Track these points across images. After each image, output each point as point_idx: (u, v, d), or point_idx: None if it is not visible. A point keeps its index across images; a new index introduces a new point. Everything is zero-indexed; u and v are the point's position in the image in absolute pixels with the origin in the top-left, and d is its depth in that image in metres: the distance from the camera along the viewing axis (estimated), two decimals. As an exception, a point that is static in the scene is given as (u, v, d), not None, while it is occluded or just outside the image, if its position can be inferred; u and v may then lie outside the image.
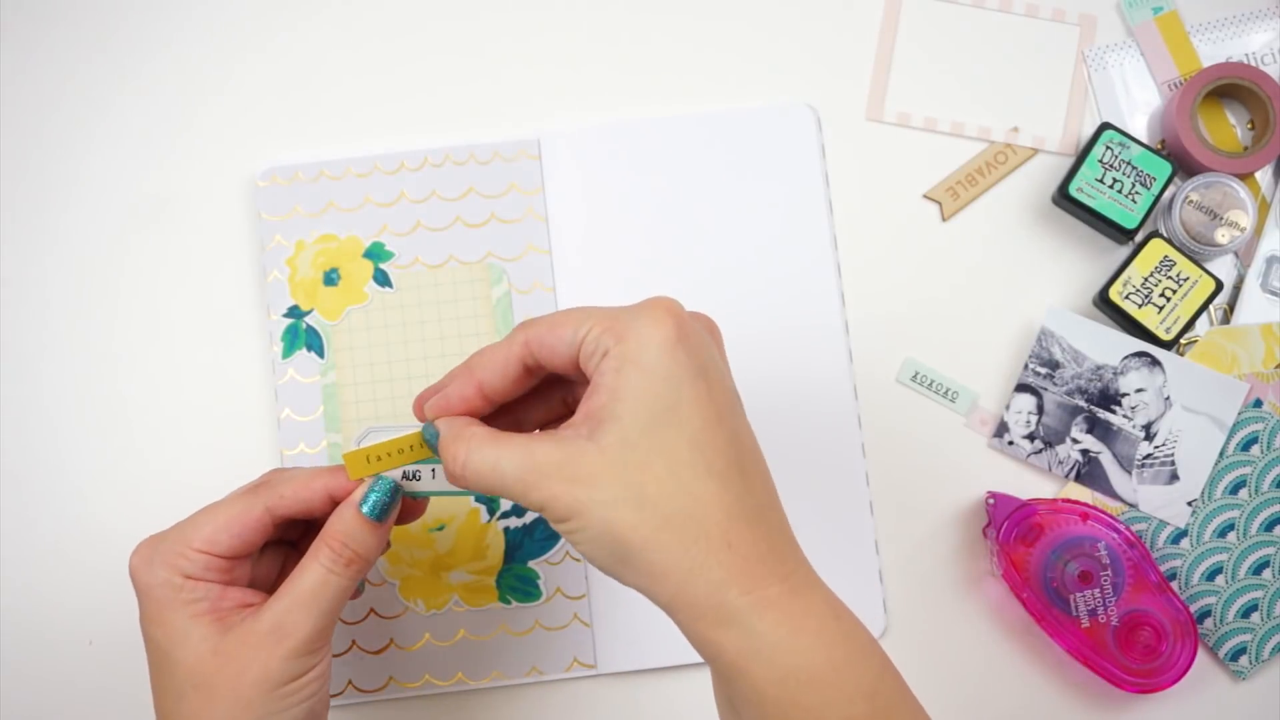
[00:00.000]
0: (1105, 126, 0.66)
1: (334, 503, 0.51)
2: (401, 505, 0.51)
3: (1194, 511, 0.65)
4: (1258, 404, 0.65)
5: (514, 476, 0.45)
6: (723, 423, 0.46)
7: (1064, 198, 0.66)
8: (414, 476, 0.51)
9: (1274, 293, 0.67)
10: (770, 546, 0.45)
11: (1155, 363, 0.65)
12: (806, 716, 0.44)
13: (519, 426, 0.52)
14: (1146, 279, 0.65)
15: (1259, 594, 0.64)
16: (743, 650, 0.44)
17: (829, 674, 0.44)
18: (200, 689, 0.48)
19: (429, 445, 0.49)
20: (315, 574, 0.49)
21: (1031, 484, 0.66)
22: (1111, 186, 0.66)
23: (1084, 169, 0.66)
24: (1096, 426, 0.65)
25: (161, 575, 0.49)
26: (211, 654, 0.48)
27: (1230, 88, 0.68)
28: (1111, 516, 0.63)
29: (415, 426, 0.50)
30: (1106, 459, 0.65)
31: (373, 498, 0.50)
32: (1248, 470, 0.65)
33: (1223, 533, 0.65)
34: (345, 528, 0.50)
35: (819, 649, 0.44)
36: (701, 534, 0.44)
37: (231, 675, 0.48)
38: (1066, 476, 0.66)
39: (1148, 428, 0.65)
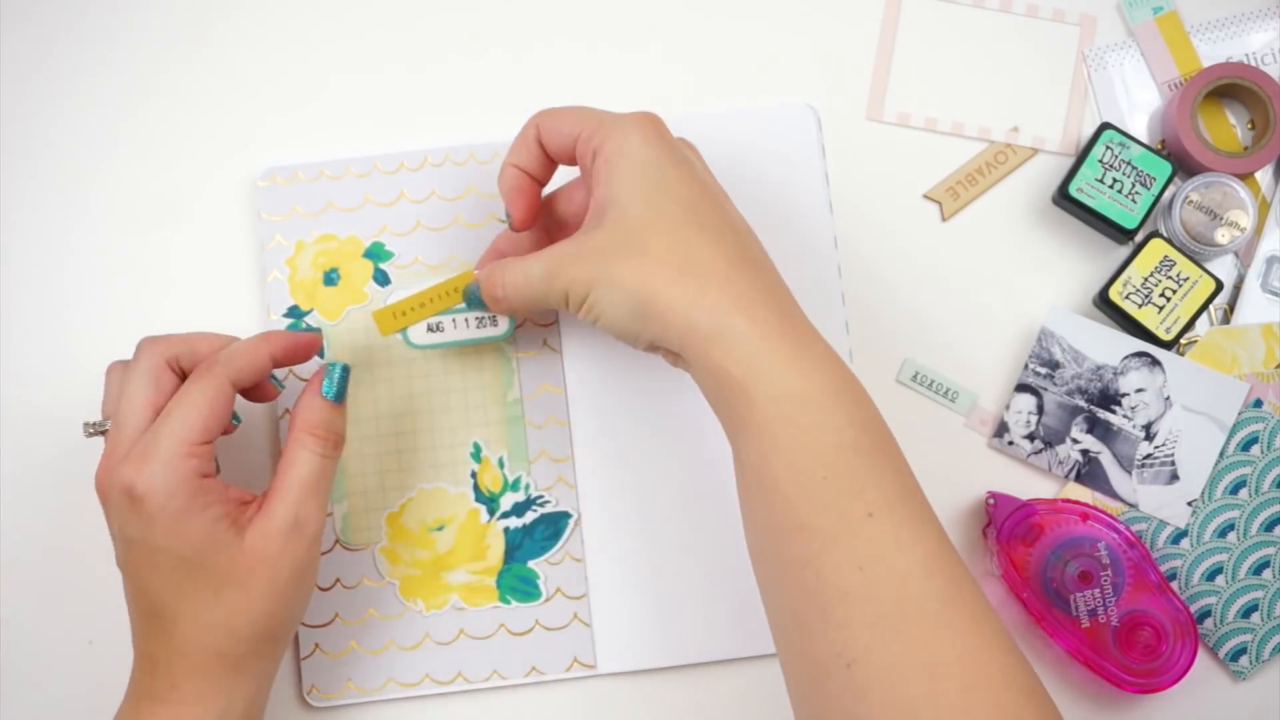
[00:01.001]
0: (1105, 126, 0.66)
1: (275, 362, 0.56)
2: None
3: (1194, 511, 0.65)
4: (1258, 404, 0.65)
5: (539, 275, 0.53)
6: (710, 195, 0.53)
7: (1064, 198, 0.66)
8: (437, 328, 0.60)
9: (1274, 293, 0.67)
10: (770, 293, 0.51)
11: (1155, 363, 0.65)
12: (801, 435, 0.48)
13: None
14: (1146, 279, 0.65)
15: (1259, 594, 0.64)
16: (747, 371, 0.48)
17: (824, 399, 0.48)
18: (236, 586, 0.52)
19: (470, 300, 0.58)
20: (311, 462, 0.54)
21: (1031, 484, 0.66)
22: (1111, 186, 0.66)
23: (1084, 169, 0.66)
24: (1096, 426, 0.65)
25: (174, 483, 0.51)
26: (242, 554, 0.52)
27: (1230, 88, 0.68)
28: (1111, 516, 0.63)
29: (437, 280, 0.59)
30: (1106, 459, 0.65)
31: (334, 381, 0.56)
32: (1248, 470, 0.65)
33: (1223, 533, 0.65)
34: (320, 416, 0.55)
35: (816, 376, 0.49)
36: (704, 274, 0.50)
37: (267, 571, 0.52)
38: (1066, 476, 0.66)
39: (1148, 428, 0.65)
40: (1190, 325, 0.65)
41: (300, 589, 0.54)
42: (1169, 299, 0.65)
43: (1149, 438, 0.65)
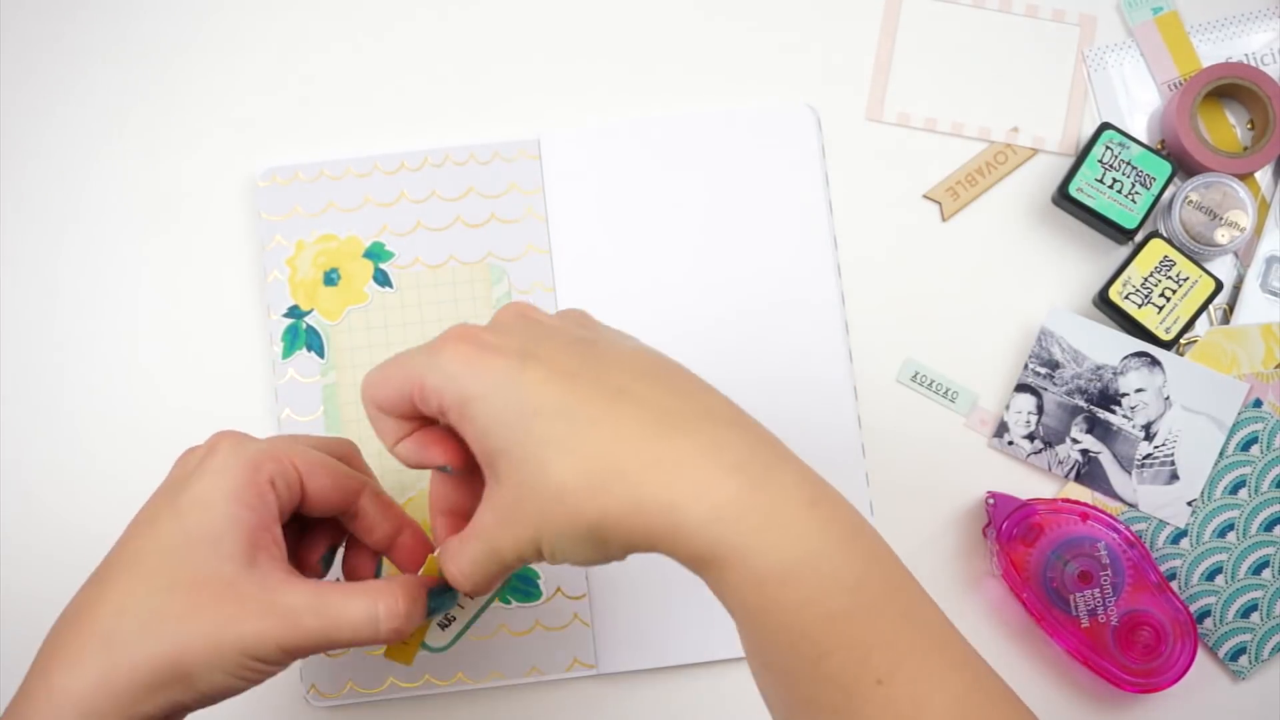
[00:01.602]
0: (1105, 126, 0.66)
1: (392, 540, 0.52)
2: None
3: (1194, 511, 0.65)
4: (1258, 404, 0.65)
5: (485, 557, 0.45)
6: (582, 371, 0.44)
7: (1064, 198, 0.67)
8: (449, 620, 0.53)
9: (1274, 293, 0.67)
10: (708, 441, 0.43)
11: (1155, 363, 0.65)
12: (786, 617, 0.41)
13: None
14: (1146, 279, 0.65)
15: (1259, 594, 0.64)
16: (716, 562, 0.42)
17: (804, 569, 0.41)
18: (191, 599, 0.45)
19: (444, 601, 0.50)
20: (363, 613, 0.47)
21: (1031, 484, 0.66)
22: (1111, 186, 0.66)
23: (1084, 169, 0.66)
24: (1096, 426, 0.65)
25: (249, 466, 0.47)
26: (226, 582, 0.45)
27: (1230, 88, 0.68)
28: (1111, 516, 0.63)
29: None
30: (1106, 459, 0.65)
31: (443, 598, 0.50)
32: (1248, 470, 0.65)
33: (1222, 533, 0.65)
34: (414, 603, 0.48)
35: (790, 544, 0.41)
36: (622, 472, 0.42)
37: (226, 612, 0.45)
38: (1066, 476, 0.66)
39: (1148, 428, 0.65)
40: (1190, 325, 0.65)
41: (226, 664, 0.45)
42: (1169, 299, 0.65)
43: (1149, 438, 0.65)
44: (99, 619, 0.46)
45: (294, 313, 0.67)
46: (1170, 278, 0.65)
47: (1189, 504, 0.65)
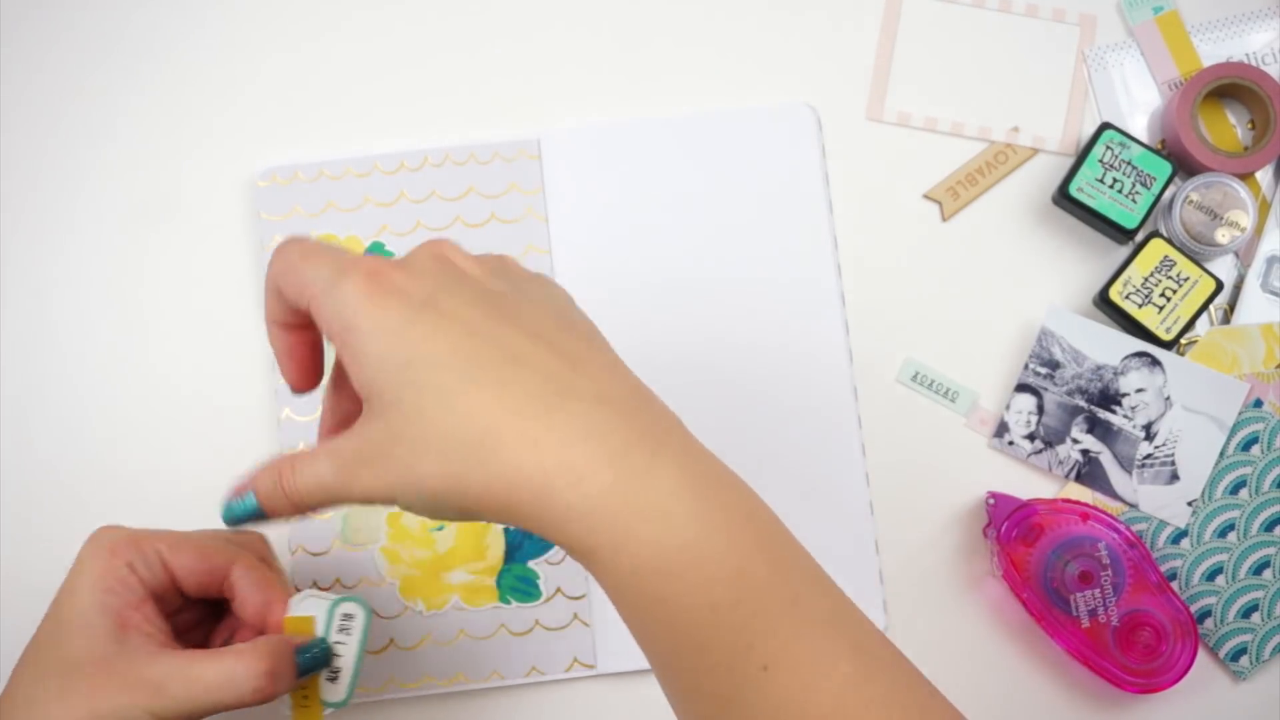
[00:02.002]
0: (1105, 126, 0.66)
1: (260, 619, 0.52)
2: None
3: (1194, 511, 0.65)
4: (1258, 404, 0.65)
5: (331, 480, 0.44)
6: (482, 327, 0.42)
7: (1064, 198, 0.66)
8: (335, 673, 0.53)
9: (1274, 293, 0.67)
10: (595, 423, 0.41)
11: (1155, 363, 0.65)
12: (665, 609, 0.40)
13: None
14: (1147, 279, 0.65)
15: (1259, 594, 0.64)
16: (591, 552, 0.41)
17: (681, 560, 0.40)
18: (62, 679, 0.48)
19: (245, 517, 0.48)
20: (225, 673, 0.48)
21: (1031, 484, 0.66)
22: (1112, 186, 0.66)
23: (1084, 169, 0.66)
24: (1097, 426, 0.65)
25: (105, 552, 0.50)
26: (98, 660, 0.48)
27: (1230, 87, 0.68)
28: (1111, 516, 0.63)
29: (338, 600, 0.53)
30: (1106, 459, 0.65)
31: (310, 655, 0.51)
32: (1248, 470, 0.65)
33: (1223, 533, 0.65)
34: (278, 662, 0.49)
35: (667, 535, 0.40)
36: (499, 443, 0.40)
37: (97, 688, 0.48)
38: (1066, 476, 0.66)
39: (1148, 428, 0.65)
40: (1190, 325, 0.65)
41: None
42: (1169, 299, 0.65)
43: (1149, 438, 0.65)
44: (5, 707, 0.49)
45: (294, 313, 0.67)
46: (1171, 278, 0.65)
47: (1189, 504, 0.65)
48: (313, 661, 0.51)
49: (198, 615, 0.55)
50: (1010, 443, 0.66)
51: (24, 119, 0.69)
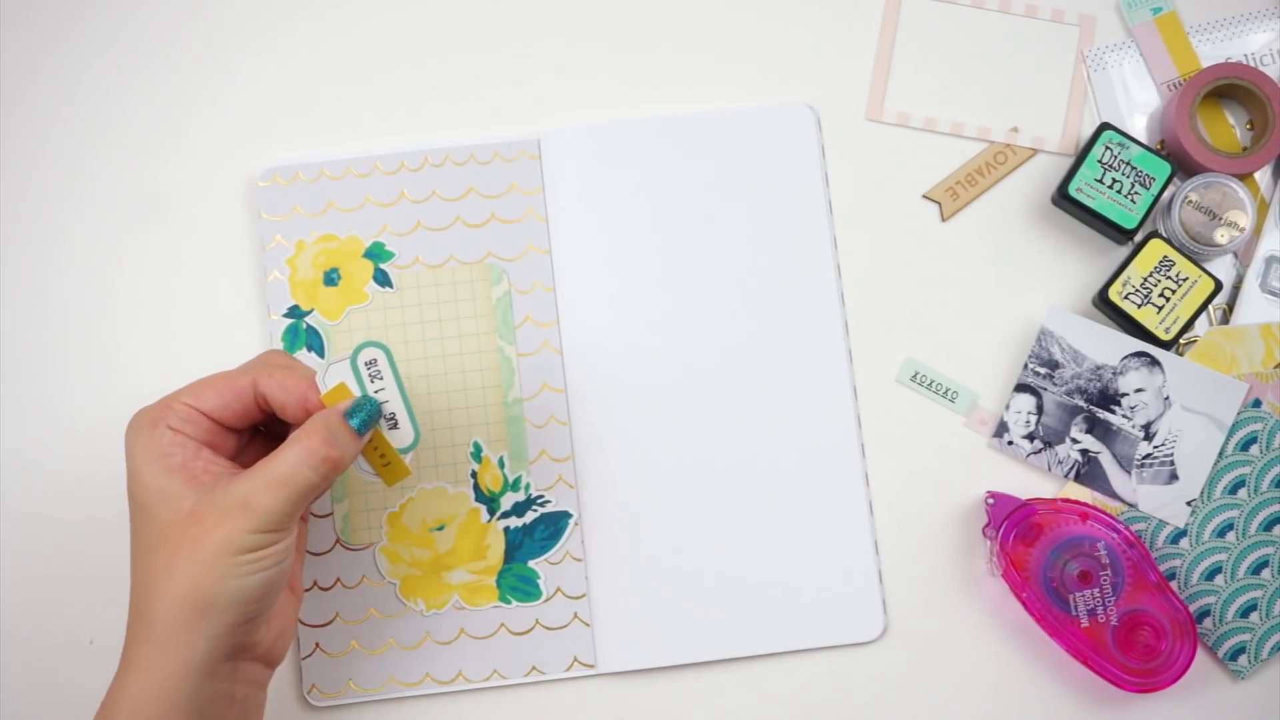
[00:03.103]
0: (1105, 127, 0.66)
1: (304, 410, 0.55)
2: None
3: (1193, 511, 0.65)
4: (1257, 404, 0.65)
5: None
6: None
7: (1064, 198, 0.67)
8: (392, 418, 0.55)
9: (1273, 293, 0.67)
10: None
11: (1155, 363, 0.65)
12: None
13: None
14: (1146, 279, 0.65)
15: (1258, 594, 0.64)
16: None
17: None
18: (168, 543, 0.51)
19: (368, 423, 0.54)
20: (290, 462, 0.52)
21: (1031, 484, 0.66)
22: (1111, 187, 0.66)
23: (1083, 169, 0.66)
24: (1096, 426, 0.65)
25: (145, 429, 0.53)
26: (188, 513, 0.51)
27: (1229, 88, 0.68)
28: (1111, 516, 0.63)
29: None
30: (1106, 459, 0.65)
31: (362, 414, 0.54)
32: (1247, 470, 0.65)
33: (1222, 532, 0.65)
34: (330, 431, 0.53)
35: None
36: None
37: (198, 535, 0.51)
38: (1066, 476, 0.66)
39: (1147, 428, 0.65)
40: (1189, 325, 0.65)
41: (228, 567, 0.51)
42: (1168, 299, 0.65)
43: (1148, 438, 0.65)
44: (132, 598, 0.53)
45: (294, 313, 0.67)
46: (1170, 278, 0.65)
47: (1188, 504, 0.65)
48: (366, 417, 0.54)
49: (262, 447, 0.57)
50: (1010, 443, 0.66)
51: (24, 119, 0.69)
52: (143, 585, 0.52)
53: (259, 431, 0.58)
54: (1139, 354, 0.65)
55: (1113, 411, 0.65)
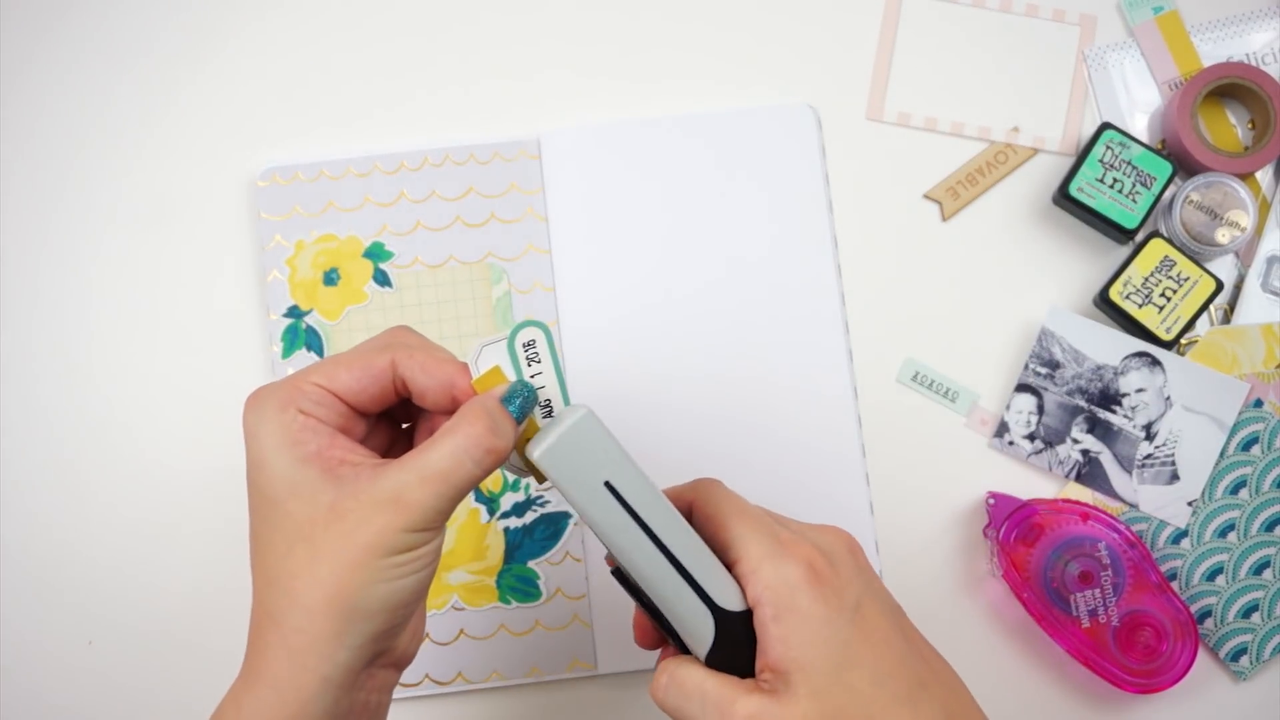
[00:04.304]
0: (1105, 126, 0.66)
1: (449, 397, 0.48)
2: None
3: (1194, 511, 0.65)
4: (1258, 404, 0.65)
5: (715, 711, 0.45)
6: (891, 646, 0.46)
7: (1064, 198, 0.66)
8: (547, 405, 0.49)
9: (1274, 293, 0.67)
10: None
11: (1155, 363, 0.65)
12: None
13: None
14: (1147, 279, 0.65)
15: (1259, 594, 0.64)
16: None
17: None
18: (308, 542, 0.45)
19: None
20: (449, 454, 0.45)
21: (1031, 484, 0.66)
22: (1112, 186, 0.66)
23: (1084, 169, 0.66)
24: (1097, 426, 0.65)
25: (272, 412, 0.46)
26: (327, 509, 0.45)
27: (1231, 87, 0.68)
28: (1112, 516, 0.63)
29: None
30: (1107, 459, 0.65)
31: (518, 400, 0.48)
32: (1248, 470, 0.65)
33: (1223, 533, 0.65)
34: (493, 418, 0.46)
35: None
36: None
37: (342, 534, 0.45)
38: (1067, 476, 0.66)
39: (1148, 428, 0.65)
40: (1190, 325, 0.65)
41: (377, 571, 0.45)
42: (1169, 299, 0.65)
43: (1149, 438, 0.65)
44: (264, 602, 0.46)
45: (294, 313, 0.67)
46: (1171, 277, 0.65)
47: (1189, 504, 0.65)
48: (524, 404, 0.48)
49: (387, 437, 0.51)
50: (1010, 443, 0.66)
51: (24, 119, 0.69)
52: (274, 588, 0.46)
53: (382, 416, 0.51)
54: (1140, 354, 0.65)
55: (1114, 411, 0.65)
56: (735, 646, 0.46)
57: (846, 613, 0.46)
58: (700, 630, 0.46)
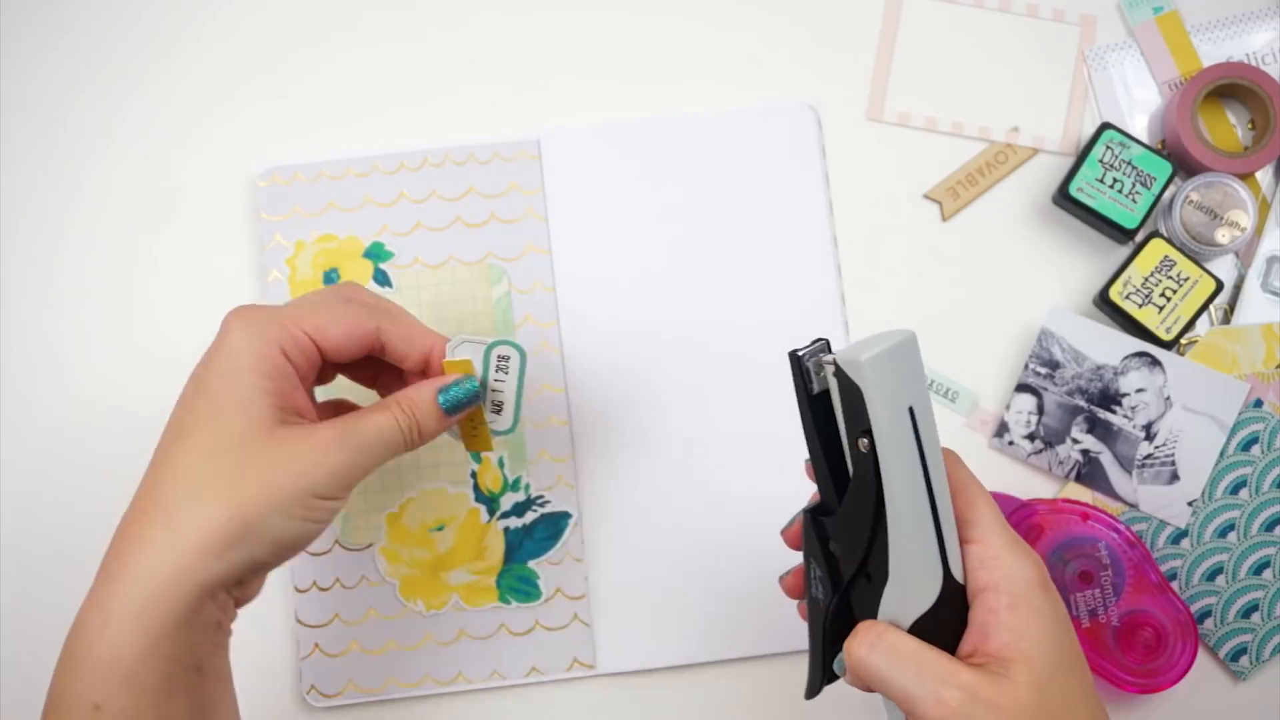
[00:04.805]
0: (1105, 126, 0.66)
1: (425, 363, 0.54)
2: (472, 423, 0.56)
3: (1194, 511, 0.65)
4: (1258, 404, 0.65)
5: (933, 679, 0.45)
6: (1086, 665, 0.47)
7: (1064, 198, 0.66)
8: (498, 407, 0.55)
9: (1274, 293, 0.67)
10: None
11: (1155, 363, 0.65)
12: None
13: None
14: (1147, 279, 0.65)
15: (1259, 594, 0.64)
16: None
17: None
18: (236, 455, 0.48)
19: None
20: (383, 421, 0.51)
21: (1032, 484, 0.66)
22: (1112, 186, 0.66)
23: (1084, 169, 0.66)
24: (1097, 426, 0.65)
25: (256, 341, 0.50)
26: (266, 434, 0.49)
27: (1231, 87, 0.68)
28: (1112, 516, 0.63)
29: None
30: (1107, 459, 0.65)
31: (453, 391, 0.53)
32: (1248, 470, 0.65)
33: (1223, 533, 0.65)
34: (423, 405, 0.53)
35: None
36: None
37: (275, 461, 0.48)
38: (1067, 476, 0.66)
39: (1148, 428, 0.65)
40: (1190, 325, 0.65)
41: (297, 503, 0.49)
42: (1169, 299, 0.65)
43: (1149, 438, 0.65)
44: (157, 495, 0.49)
45: (294, 313, 0.67)
46: (1171, 277, 0.65)
47: (1189, 504, 0.65)
48: (457, 397, 0.53)
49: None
50: (1010, 443, 0.66)
51: (25, 119, 0.69)
52: (179, 485, 0.48)
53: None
54: (1140, 354, 0.65)
55: (1113, 411, 0.65)
56: (944, 618, 0.46)
57: (1064, 623, 0.47)
58: (923, 590, 0.46)
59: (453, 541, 0.65)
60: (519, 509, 0.65)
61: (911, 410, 0.45)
